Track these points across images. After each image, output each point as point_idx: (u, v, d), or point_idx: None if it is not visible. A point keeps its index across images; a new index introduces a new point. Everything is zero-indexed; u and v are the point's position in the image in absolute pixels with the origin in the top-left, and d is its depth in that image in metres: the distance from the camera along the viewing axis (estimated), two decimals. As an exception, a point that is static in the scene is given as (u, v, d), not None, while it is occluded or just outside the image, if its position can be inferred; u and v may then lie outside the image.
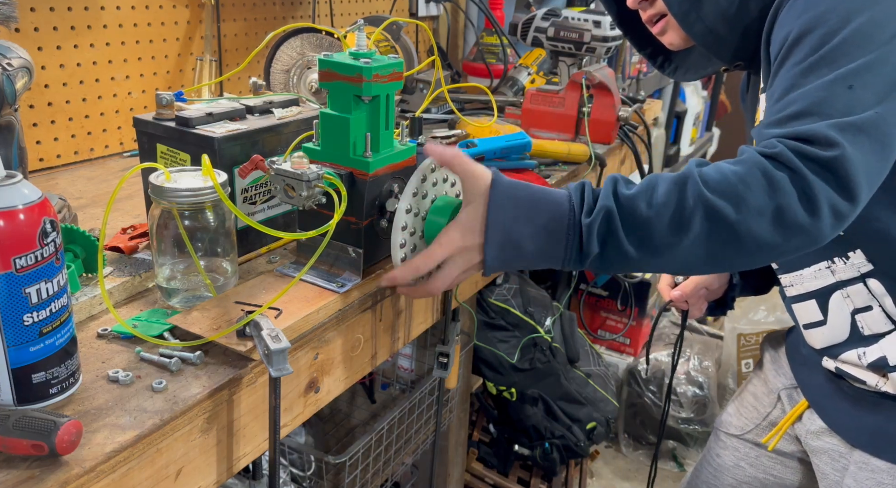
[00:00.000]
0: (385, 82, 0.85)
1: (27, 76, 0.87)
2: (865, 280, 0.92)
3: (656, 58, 1.19)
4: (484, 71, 2.00)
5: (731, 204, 0.71)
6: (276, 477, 0.81)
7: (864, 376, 0.95)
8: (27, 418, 0.58)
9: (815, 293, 0.98)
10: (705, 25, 0.94)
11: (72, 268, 0.80)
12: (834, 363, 0.99)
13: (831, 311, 0.96)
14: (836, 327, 0.97)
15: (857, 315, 0.94)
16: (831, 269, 0.94)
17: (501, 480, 2.12)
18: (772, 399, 1.20)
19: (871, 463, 0.98)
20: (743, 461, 1.23)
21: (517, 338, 2.15)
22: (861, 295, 0.92)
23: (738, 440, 1.24)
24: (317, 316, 0.83)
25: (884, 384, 0.93)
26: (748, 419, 1.24)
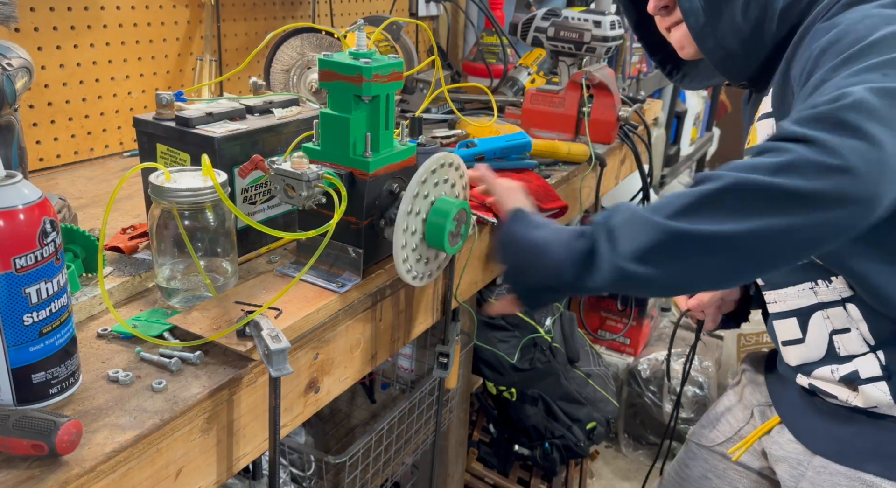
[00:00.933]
0: (385, 82, 0.85)
1: (27, 76, 0.87)
2: (845, 304, 0.92)
3: (665, 65, 1.21)
4: (484, 71, 2.00)
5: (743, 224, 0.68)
6: (276, 477, 0.81)
7: (836, 391, 0.95)
8: (27, 418, 0.58)
9: (797, 311, 0.98)
10: (718, 42, 0.94)
11: (72, 268, 0.80)
12: (808, 379, 0.99)
13: (811, 330, 0.97)
14: (813, 346, 0.97)
15: (836, 335, 0.94)
16: (814, 290, 0.95)
17: (501, 480, 2.12)
18: (745, 414, 1.20)
19: (829, 467, 0.98)
20: (710, 472, 1.23)
21: (517, 338, 2.15)
22: (840, 317, 0.93)
23: (708, 451, 1.24)
24: (317, 316, 0.83)
25: (854, 398, 0.93)
26: (720, 432, 1.23)
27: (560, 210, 1.29)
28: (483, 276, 1.24)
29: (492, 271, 1.26)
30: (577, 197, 1.47)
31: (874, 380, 0.90)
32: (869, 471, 0.94)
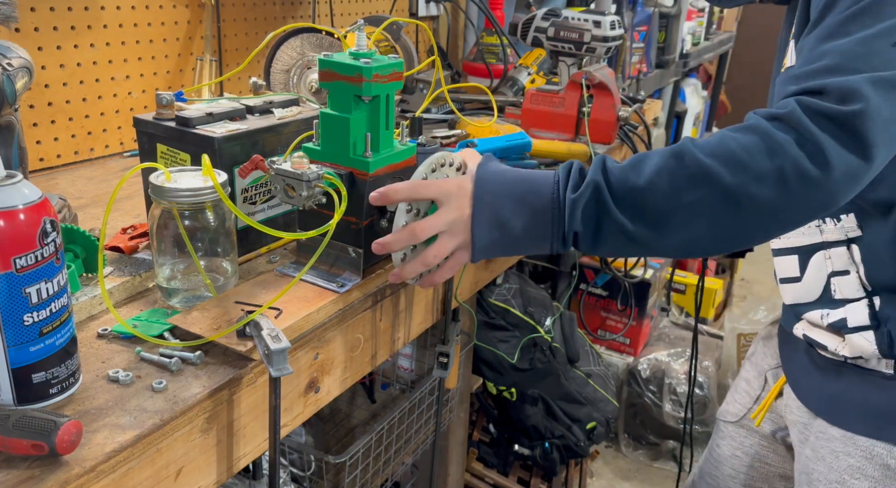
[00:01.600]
0: (385, 82, 0.85)
1: (27, 76, 0.87)
2: (850, 244, 0.91)
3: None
4: (484, 71, 2.00)
5: (727, 167, 0.70)
6: (276, 477, 0.81)
7: (826, 339, 0.95)
8: (27, 418, 0.58)
9: (799, 249, 0.97)
10: None
11: (72, 268, 0.80)
12: (801, 327, 0.99)
13: (809, 269, 0.96)
14: (810, 285, 0.96)
15: (834, 278, 0.93)
16: (820, 228, 0.94)
17: (501, 480, 2.12)
18: (760, 381, 1.21)
19: (827, 432, 0.98)
20: (738, 450, 1.24)
21: (517, 338, 2.15)
22: (842, 258, 0.92)
23: (735, 427, 1.24)
24: (317, 316, 0.83)
25: (842, 348, 0.93)
26: (741, 404, 1.24)
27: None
28: (483, 276, 1.24)
29: (492, 271, 1.26)
30: (577, 197, 1.47)
31: (861, 330, 0.90)
32: (861, 433, 0.94)
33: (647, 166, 0.73)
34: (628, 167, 0.75)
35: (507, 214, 0.78)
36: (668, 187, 0.71)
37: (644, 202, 0.73)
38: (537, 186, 0.78)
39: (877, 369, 0.92)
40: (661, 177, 0.72)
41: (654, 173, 0.72)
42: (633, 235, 0.74)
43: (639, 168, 0.74)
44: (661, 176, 0.72)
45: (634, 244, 0.75)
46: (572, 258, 2.58)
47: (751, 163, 0.69)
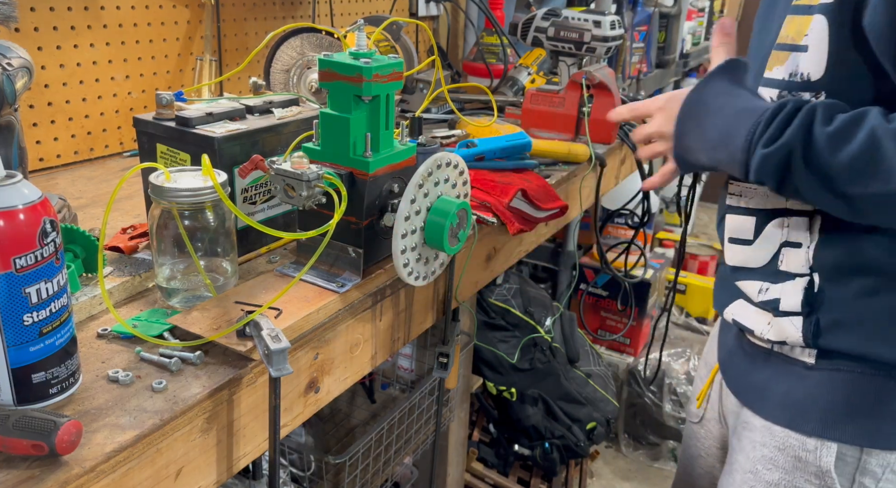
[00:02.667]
0: (385, 82, 0.85)
1: (27, 76, 0.87)
2: (813, 216, 0.89)
3: None
4: (484, 71, 1.99)
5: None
6: (276, 477, 0.81)
7: (753, 322, 0.95)
8: (27, 418, 0.58)
9: (759, 212, 0.94)
10: None
11: (72, 268, 0.80)
12: (732, 311, 0.99)
13: (764, 234, 0.94)
14: (759, 251, 0.94)
15: (785, 248, 0.91)
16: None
17: (501, 480, 2.12)
18: (705, 372, 1.19)
19: (751, 422, 0.98)
20: (703, 450, 1.22)
21: (517, 338, 2.16)
22: (800, 228, 0.90)
23: (698, 426, 1.23)
24: (317, 316, 0.83)
25: (768, 331, 0.92)
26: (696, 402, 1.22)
27: (560, 210, 1.29)
28: (483, 276, 1.24)
29: (492, 271, 1.26)
30: (577, 197, 1.47)
31: (791, 315, 0.90)
32: (778, 423, 0.93)
33: (851, 141, 0.74)
34: (835, 134, 0.75)
35: (704, 146, 0.87)
36: (864, 175, 0.73)
37: (833, 180, 0.75)
38: (737, 128, 0.82)
39: (799, 359, 0.91)
40: (858, 162, 0.73)
41: (854, 156, 0.73)
42: (817, 200, 0.80)
43: (843, 143, 0.74)
44: (857, 160, 0.73)
45: (819, 202, 0.80)
46: (572, 258, 2.58)
47: None
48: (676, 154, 0.93)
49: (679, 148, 0.91)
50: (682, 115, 0.89)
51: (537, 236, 1.42)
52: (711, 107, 0.87)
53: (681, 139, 0.90)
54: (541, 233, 1.42)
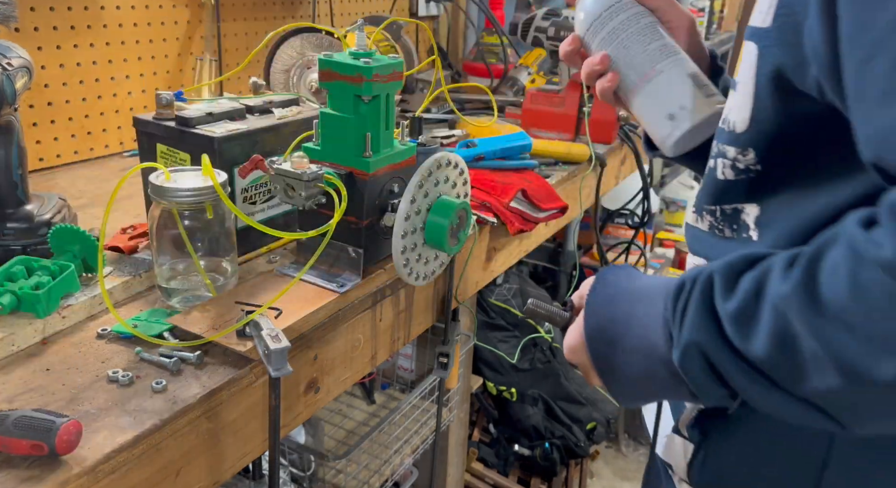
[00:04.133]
0: (385, 82, 0.85)
1: (27, 76, 0.87)
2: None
3: None
4: (484, 71, 1.99)
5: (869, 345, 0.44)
6: (276, 477, 0.81)
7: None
8: (27, 418, 0.58)
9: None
10: None
11: (72, 268, 0.80)
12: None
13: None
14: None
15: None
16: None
17: (501, 480, 2.12)
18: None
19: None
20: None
21: (517, 338, 2.16)
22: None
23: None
24: (317, 316, 0.83)
25: (660, 445, 0.78)
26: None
27: (560, 210, 1.29)
28: (483, 276, 1.24)
29: (492, 271, 1.26)
30: (578, 197, 1.47)
31: (685, 438, 0.72)
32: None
33: (758, 323, 0.50)
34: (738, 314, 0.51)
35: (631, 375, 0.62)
36: (792, 368, 0.49)
37: (774, 379, 0.51)
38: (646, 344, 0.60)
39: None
40: (779, 350, 0.49)
41: (770, 341, 0.49)
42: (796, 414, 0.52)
43: (749, 320, 0.51)
44: (778, 347, 0.49)
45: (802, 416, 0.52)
46: (572, 258, 2.58)
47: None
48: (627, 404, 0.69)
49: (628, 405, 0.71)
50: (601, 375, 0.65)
51: (537, 236, 1.42)
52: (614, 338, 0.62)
53: (624, 402, 0.67)
54: (541, 233, 1.42)
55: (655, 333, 0.58)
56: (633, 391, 0.63)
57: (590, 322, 0.64)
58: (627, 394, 0.64)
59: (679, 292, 0.57)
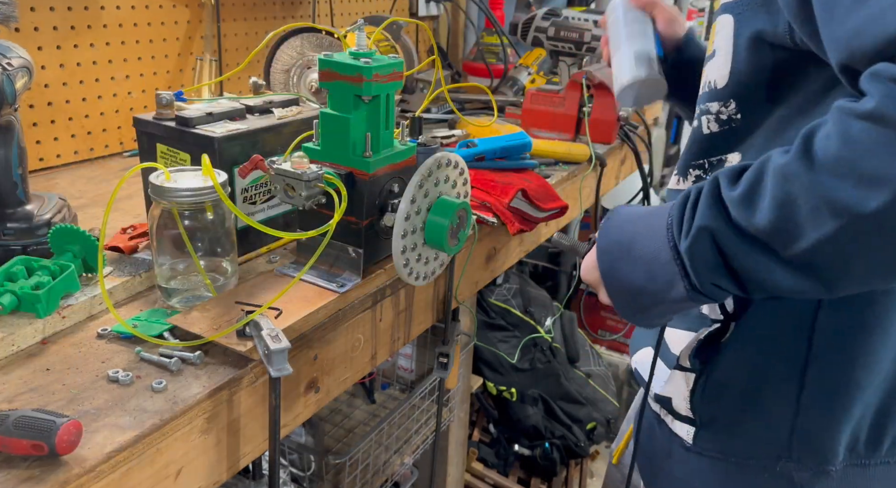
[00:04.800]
0: (385, 82, 0.85)
1: (27, 76, 0.87)
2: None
3: None
4: (484, 71, 1.99)
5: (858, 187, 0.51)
6: (276, 477, 0.81)
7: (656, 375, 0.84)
8: (27, 418, 0.58)
9: None
10: None
11: (72, 268, 0.80)
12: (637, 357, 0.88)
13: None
14: None
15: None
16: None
17: (501, 480, 2.12)
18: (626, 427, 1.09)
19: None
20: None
21: (517, 337, 2.16)
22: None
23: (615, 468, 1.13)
24: (317, 316, 0.83)
25: (661, 385, 0.82)
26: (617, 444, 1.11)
27: (560, 210, 1.29)
28: (483, 276, 1.24)
29: (492, 271, 1.26)
30: (578, 197, 1.47)
31: (686, 370, 0.79)
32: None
33: (762, 193, 0.57)
34: (744, 193, 0.58)
35: (634, 283, 0.69)
36: (792, 227, 0.55)
37: (775, 248, 0.57)
38: (651, 242, 0.67)
39: (679, 435, 0.81)
40: (781, 213, 0.55)
41: (773, 208, 0.56)
42: (787, 283, 0.58)
43: (753, 194, 0.58)
44: (780, 211, 0.55)
45: (792, 286, 0.58)
46: (572, 258, 2.58)
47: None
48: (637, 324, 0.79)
49: (633, 322, 0.76)
50: (609, 288, 0.73)
51: (537, 236, 1.42)
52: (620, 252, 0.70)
53: (628, 315, 0.74)
54: (541, 233, 1.42)
55: (658, 241, 0.65)
56: (634, 300, 0.70)
57: (601, 242, 0.73)
58: (628, 305, 0.72)
59: (685, 201, 0.64)
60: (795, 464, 0.75)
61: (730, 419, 0.77)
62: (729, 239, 0.59)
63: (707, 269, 0.62)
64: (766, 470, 0.76)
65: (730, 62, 0.71)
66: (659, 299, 0.67)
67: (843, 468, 0.74)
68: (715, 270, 0.61)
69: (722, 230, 0.59)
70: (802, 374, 0.73)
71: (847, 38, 0.53)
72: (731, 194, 0.59)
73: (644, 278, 0.67)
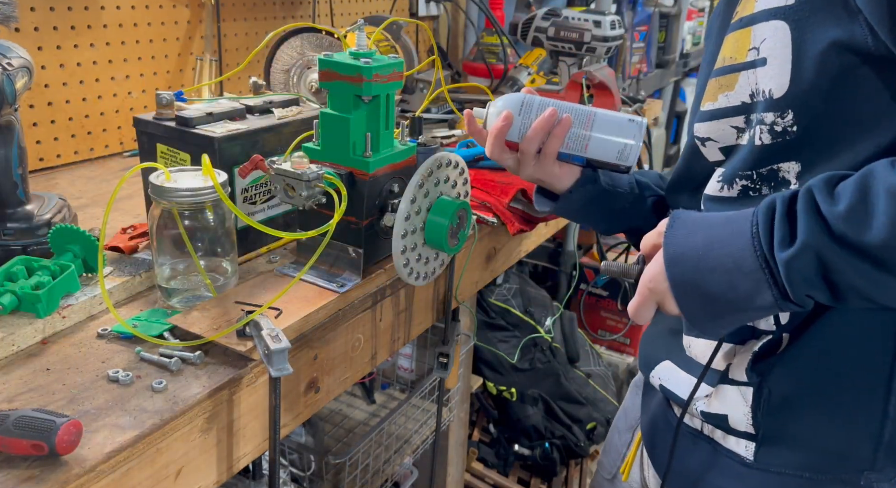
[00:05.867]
0: (385, 82, 0.85)
1: (27, 76, 0.87)
2: None
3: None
4: (484, 71, 1.99)
5: None
6: (276, 477, 0.81)
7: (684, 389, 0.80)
8: (27, 418, 0.58)
9: None
10: None
11: (72, 268, 0.80)
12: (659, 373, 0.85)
13: None
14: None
15: None
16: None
17: (501, 480, 2.12)
18: (627, 436, 1.05)
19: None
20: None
21: (517, 338, 2.15)
22: None
23: (609, 484, 1.08)
24: (317, 316, 0.83)
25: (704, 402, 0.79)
26: (612, 459, 1.08)
27: (560, 210, 1.28)
28: (483, 276, 1.24)
29: (492, 271, 1.26)
30: (578, 197, 1.47)
31: (741, 384, 0.75)
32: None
33: (874, 214, 0.57)
34: (850, 211, 0.58)
35: (713, 290, 0.66)
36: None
37: (885, 261, 0.57)
38: (737, 255, 0.64)
39: (734, 451, 0.77)
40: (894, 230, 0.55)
41: (889, 226, 0.56)
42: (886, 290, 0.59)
43: (862, 214, 0.57)
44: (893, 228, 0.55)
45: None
46: (572, 258, 2.58)
47: None
48: (701, 333, 0.78)
49: (703, 331, 0.75)
50: (680, 298, 0.69)
51: (537, 236, 1.42)
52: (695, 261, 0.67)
53: (700, 325, 0.70)
54: (541, 233, 1.42)
55: (740, 250, 0.63)
56: (709, 309, 0.67)
57: (669, 250, 0.69)
58: (702, 314, 0.68)
59: (771, 210, 0.63)
60: (878, 475, 0.73)
61: (801, 433, 0.74)
62: (836, 254, 0.59)
63: (805, 282, 0.61)
64: (845, 483, 0.73)
65: (789, 71, 0.67)
66: (740, 307, 0.66)
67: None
68: (813, 283, 0.61)
69: (827, 246, 0.59)
70: (889, 383, 0.70)
71: None
72: (834, 210, 0.59)
73: (724, 287, 0.65)
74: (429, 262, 0.94)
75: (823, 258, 0.59)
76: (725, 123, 0.74)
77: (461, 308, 1.18)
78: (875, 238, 0.56)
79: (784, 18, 0.67)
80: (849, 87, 0.65)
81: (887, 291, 0.59)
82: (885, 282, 0.58)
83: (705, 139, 0.77)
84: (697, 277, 0.66)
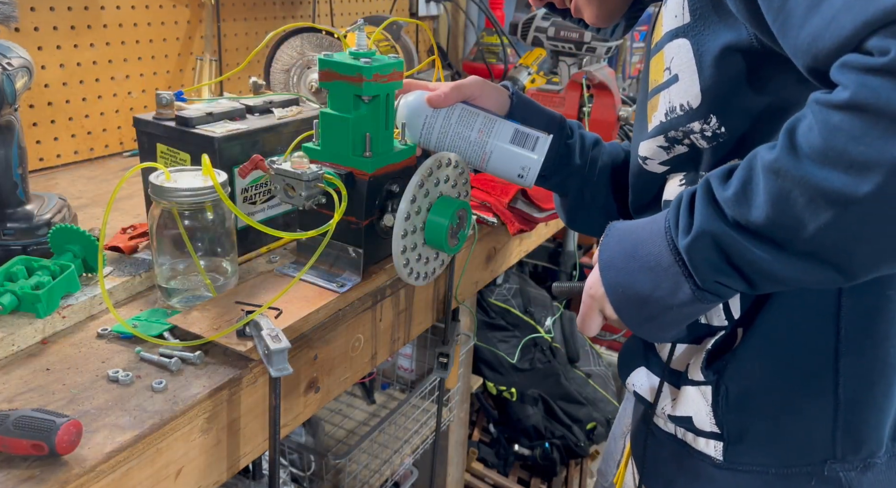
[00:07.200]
0: (385, 82, 0.85)
1: (27, 76, 0.87)
2: None
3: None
4: (484, 70, 2.00)
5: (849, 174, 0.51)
6: (276, 477, 0.81)
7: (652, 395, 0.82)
8: (27, 418, 0.58)
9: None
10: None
11: (72, 268, 0.80)
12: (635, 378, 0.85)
13: None
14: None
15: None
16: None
17: (501, 480, 2.12)
18: (621, 443, 1.04)
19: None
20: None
21: (517, 338, 2.15)
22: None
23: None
24: (317, 316, 0.83)
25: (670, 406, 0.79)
26: (610, 467, 1.07)
27: (560, 210, 1.29)
28: (483, 276, 1.24)
29: (492, 271, 1.26)
30: (578, 197, 1.47)
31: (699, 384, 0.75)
32: None
33: (756, 191, 0.58)
34: (737, 192, 0.59)
35: (639, 289, 0.68)
36: (790, 221, 0.55)
37: (781, 241, 0.57)
38: (651, 245, 0.67)
39: (705, 452, 0.77)
40: (777, 208, 0.56)
41: (768, 203, 0.56)
42: (795, 273, 0.59)
43: (748, 193, 0.58)
44: (775, 206, 0.56)
45: (802, 275, 0.59)
46: (572, 258, 2.58)
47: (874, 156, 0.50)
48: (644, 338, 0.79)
49: (646, 335, 0.75)
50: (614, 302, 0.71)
51: (537, 236, 1.42)
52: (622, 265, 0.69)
53: (638, 328, 0.72)
54: (541, 233, 1.42)
55: (658, 246, 0.66)
56: (643, 310, 0.69)
57: (602, 257, 0.72)
58: (638, 316, 0.70)
59: (678, 203, 0.65)
60: (841, 464, 0.72)
61: (763, 428, 0.74)
62: (729, 237, 0.60)
63: (710, 267, 0.62)
64: (812, 475, 0.73)
65: (697, 81, 0.70)
66: (667, 305, 0.67)
67: (888, 459, 0.73)
68: (718, 268, 0.62)
69: (721, 229, 0.60)
70: (836, 366, 0.71)
71: (807, 44, 0.54)
72: (725, 194, 0.60)
73: (649, 285, 0.67)
74: (429, 262, 0.94)
75: (721, 243, 0.60)
76: (653, 143, 0.76)
77: (461, 308, 1.18)
78: (759, 216, 0.57)
79: (685, 35, 0.70)
80: (754, 83, 0.67)
81: (789, 269, 0.58)
82: (783, 260, 0.58)
83: (646, 158, 0.79)
84: (628, 279, 0.69)
